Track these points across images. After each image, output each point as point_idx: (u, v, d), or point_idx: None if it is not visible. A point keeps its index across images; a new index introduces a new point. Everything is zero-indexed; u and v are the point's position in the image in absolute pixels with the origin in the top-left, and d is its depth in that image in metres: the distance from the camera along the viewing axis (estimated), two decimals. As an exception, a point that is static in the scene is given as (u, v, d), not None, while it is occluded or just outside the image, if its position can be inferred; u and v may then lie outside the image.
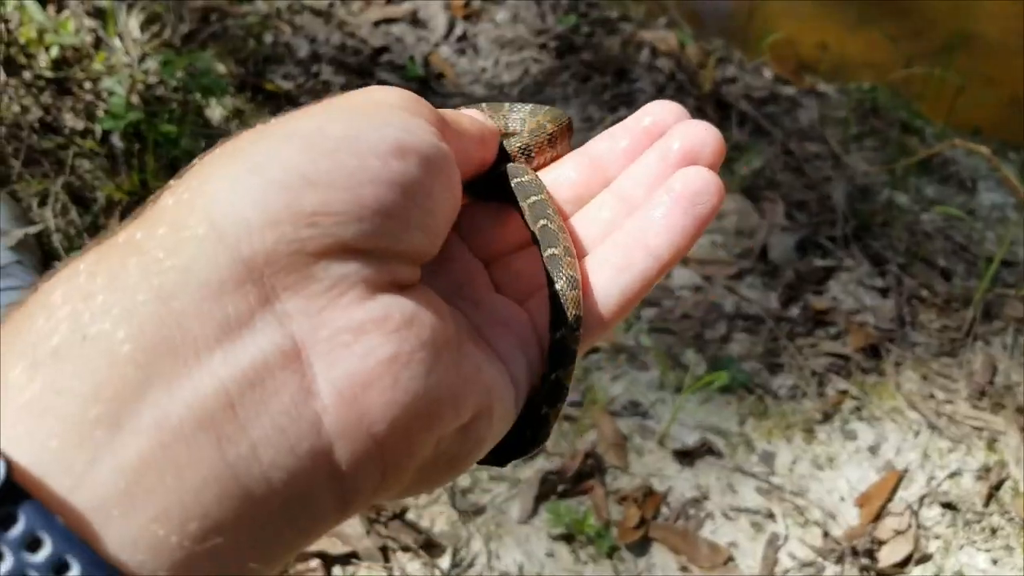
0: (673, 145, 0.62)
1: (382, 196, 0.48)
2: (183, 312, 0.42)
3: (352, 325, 0.45)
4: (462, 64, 3.20)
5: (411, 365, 0.46)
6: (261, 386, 0.42)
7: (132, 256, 0.43)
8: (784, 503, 2.06)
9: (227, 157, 0.48)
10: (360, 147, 0.49)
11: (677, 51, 3.21)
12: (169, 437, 0.39)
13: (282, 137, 0.49)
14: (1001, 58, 3.99)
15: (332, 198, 0.46)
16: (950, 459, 2.14)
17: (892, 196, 2.76)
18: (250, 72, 2.89)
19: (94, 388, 0.39)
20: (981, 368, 2.32)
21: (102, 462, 0.38)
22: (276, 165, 0.46)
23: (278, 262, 0.44)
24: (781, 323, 2.43)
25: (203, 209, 0.45)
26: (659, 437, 2.15)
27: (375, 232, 0.48)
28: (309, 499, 0.43)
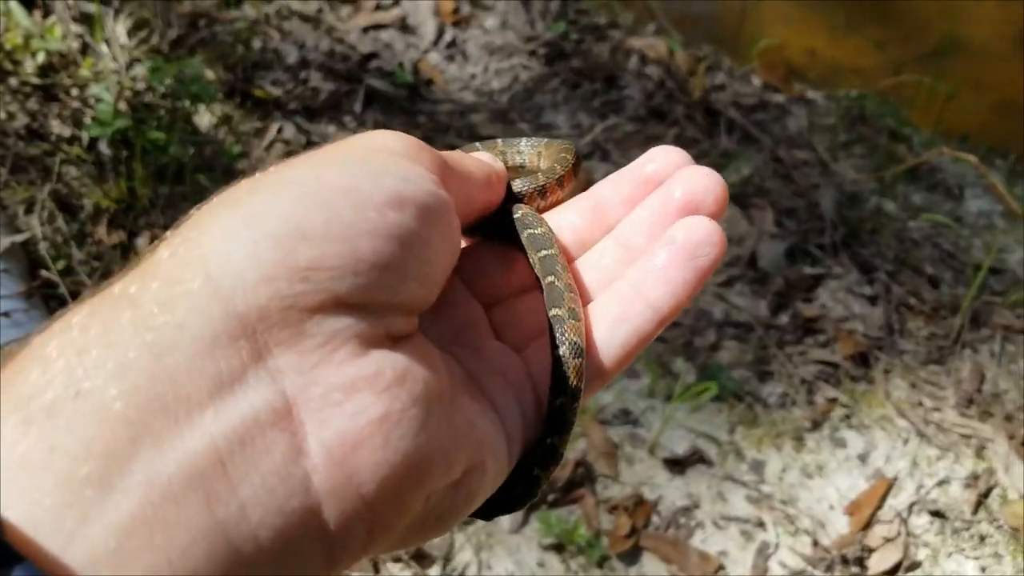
0: (675, 193, 0.62)
1: (378, 248, 0.48)
2: (176, 368, 0.42)
3: (344, 383, 0.45)
4: (451, 70, 3.19)
5: (401, 424, 0.46)
6: (251, 444, 0.42)
7: (126, 310, 0.43)
8: (774, 511, 2.06)
9: (224, 208, 0.48)
10: (357, 198, 0.49)
11: (666, 58, 3.22)
12: (159, 496, 0.39)
13: (279, 187, 0.49)
14: (988, 64, 4.02)
15: (327, 251, 0.46)
16: (939, 467, 2.15)
17: (880, 203, 2.78)
18: (238, 78, 2.88)
19: (86, 445, 0.39)
20: (969, 376, 2.33)
21: (93, 521, 0.38)
22: (272, 218, 0.46)
23: (271, 318, 0.44)
24: (770, 331, 2.44)
25: (199, 262, 0.45)
26: (649, 446, 2.15)
27: (370, 286, 0.48)
28: (297, 557, 0.43)
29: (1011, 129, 3.76)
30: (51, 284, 2.22)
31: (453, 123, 3.00)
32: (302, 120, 2.84)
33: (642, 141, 2.97)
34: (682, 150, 0.64)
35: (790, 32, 3.86)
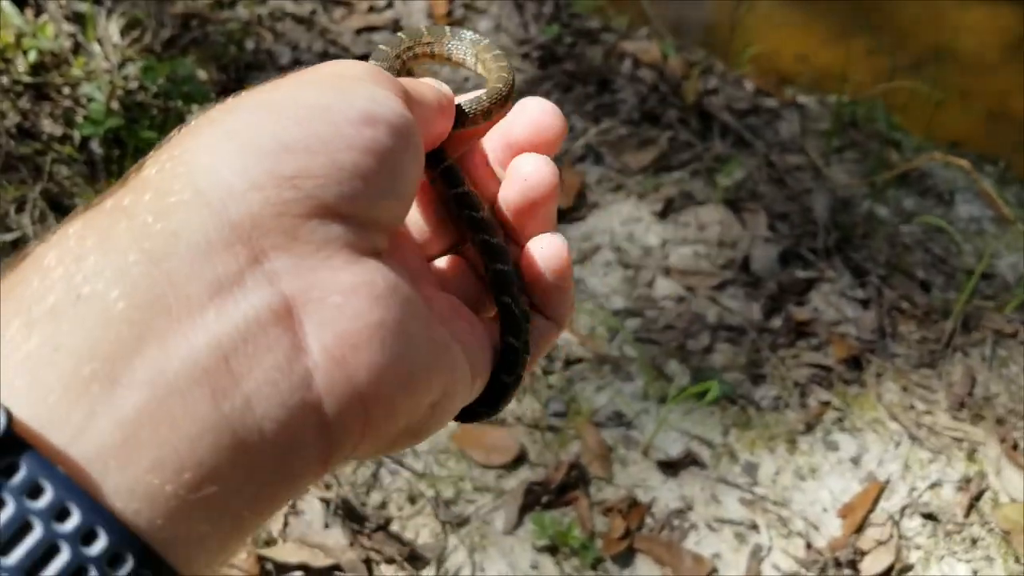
0: (515, 129, 0.66)
1: (357, 161, 0.50)
2: (175, 272, 0.43)
3: (342, 287, 0.47)
4: (444, 73, 3.19)
5: (396, 331, 0.48)
6: (254, 342, 0.43)
7: (121, 220, 0.44)
8: (767, 514, 2.06)
9: (205, 128, 0.49)
10: (332, 116, 0.50)
11: (660, 62, 3.23)
12: (164, 391, 0.40)
13: (256, 107, 0.50)
14: (978, 71, 4.05)
15: (311, 163, 0.48)
16: (931, 470, 2.16)
17: (872, 208, 2.79)
18: (231, 79, 2.87)
19: (90, 345, 0.40)
20: (960, 379, 2.34)
21: (99, 416, 0.39)
22: (253, 133, 0.48)
23: (264, 224, 0.46)
24: (763, 334, 2.44)
25: (186, 176, 0.46)
26: (643, 448, 2.15)
27: (354, 195, 0.49)
28: (298, 450, 0.44)
29: (1000, 137, 3.78)
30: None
31: (446, 125, 2.99)
32: (295, 121, 2.83)
33: (636, 145, 2.97)
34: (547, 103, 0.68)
35: (782, 38, 3.88)
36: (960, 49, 4.09)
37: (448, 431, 2.17)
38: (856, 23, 4.15)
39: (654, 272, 2.60)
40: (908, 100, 3.25)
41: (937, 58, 3.43)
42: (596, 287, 2.54)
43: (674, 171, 2.88)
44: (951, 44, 4.04)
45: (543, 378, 2.29)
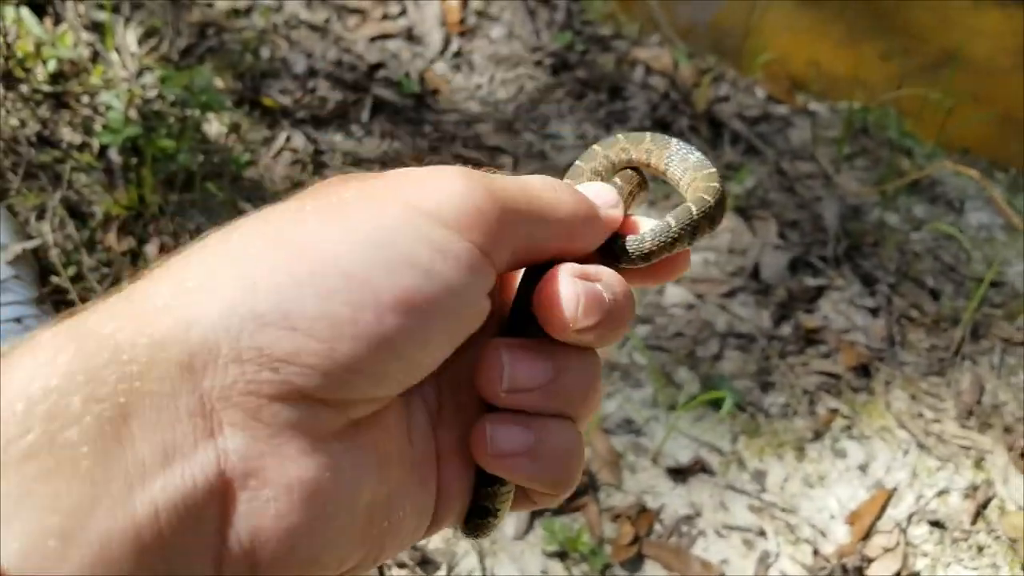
0: None
1: (361, 354, 0.47)
2: (138, 434, 0.44)
3: (280, 482, 0.46)
4: (457, 80, 3.22)
5: (314, 533, 0.48)
6: (188, 518, 0.44)
7: (106, 351, 0.45)
8: (775, 521, 2.08)
9: (222, 262, 0.48)
10: (361, 294, 0.48)
11: (671, 70, 3.25)
12: (105, 557, 0.42)
13: (286, 252, 0.48)
14: (990, 77, 4.05)
15: (305, 348, 0.46)
16: (938, 478, 2.17)
17: (882, 216, 2.80)
18: (247, 87, 2.91)
19: (54, 499, 0.42)
20: (969, 387, 2.35)
21: (50, 571, 0.41)
22: (265, 293, 0.47)
23: (231, 398, 0.46)
24: (773, 341, 2.46)
25: (184, 329, 0.46)
26: (652, 455, 2.17)
27: (341, 387, 0.47)
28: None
29: (1012, 143, 3.78)
30: (61, 290, 2.24)
31: (459, 133, 3.03)
32: (310, 129, 2.87)
33: (646, 152, 2.99)
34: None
35: (793, 43, 3.89)
36: (973, 53, 4.09)
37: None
38: (868, 28, 4.16)
39: (664, 279, 2.62)
40: (920, 106, 3.26)
41: (950, 62, 3.44)
42: (607, 294, 2.57)
43: (685, 178, 2.89)
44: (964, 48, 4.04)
45: (554, 385, 2.31)
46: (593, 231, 0.61)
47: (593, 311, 0.55)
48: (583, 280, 0.56)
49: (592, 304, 0.55)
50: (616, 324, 0.57)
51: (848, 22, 4.18)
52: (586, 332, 0.56)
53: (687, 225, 0.63)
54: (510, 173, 0.61)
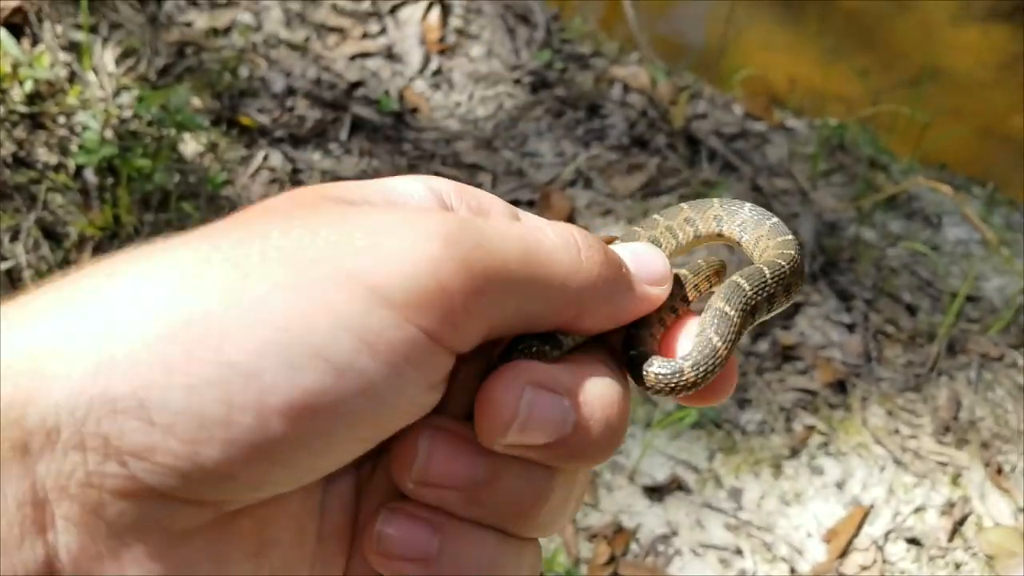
0: None
1: (234, 459, 0.39)
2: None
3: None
4: (436, 98, 3.23)
5: None
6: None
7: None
8: (752, 539, 2.08)
9: (99, 314, 0.40)
10: (245, 393, 0.39)
11: (649, 87, 3.26)
12: None
13: (169, 323, 0.39)
14: (968, 91, 4.08)
15: (162, 446, 0.38)
16: (915, 494, 2.18)
17: (859, 232, 2.81)
18: (225, 106, 2.91)
19: None
20: (945, 403, 2.36)
21: None
22: (125, 371, 0.38)
23: (68, 489, 0.39)
24: (750, 358, 2.46)
25: (24, 395, 0.38)
26: (629, 473, 2.16)
27: (204, 490, 0.40)
28: None
29: (990, 156, 3.82)
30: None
31: (438, 150, 3.03)
32: (288, 148, 2.87)
33: (625, 170, 3.00)
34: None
35: (772, 59, 3.92)
36: (950, 68, 4.13)
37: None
38: (847, 44, 4.20)
39: (642, 296, 2.63)
40: (897, 121, 3.28)
41: (927, 79, 3.47)
42: (585, 312, 2.57)
43: (663, 195, 2.91)
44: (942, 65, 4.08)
45: (531, 403, 2.31)
46: (617, 308, 0.50)
47: (537, 431, 0.44)
48: (539, 389, 0.45)
49: (539, 423, 0.44)
50: (582, 453, 0.46)
51: (827, 38, 4.21)
52: (525, 451, 0.45)
53: (738, 330, 0.51)
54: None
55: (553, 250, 0.46)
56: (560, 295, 0.47)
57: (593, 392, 0.46)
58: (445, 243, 0.42)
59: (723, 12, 3.92)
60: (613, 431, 0.46)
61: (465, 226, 0.44)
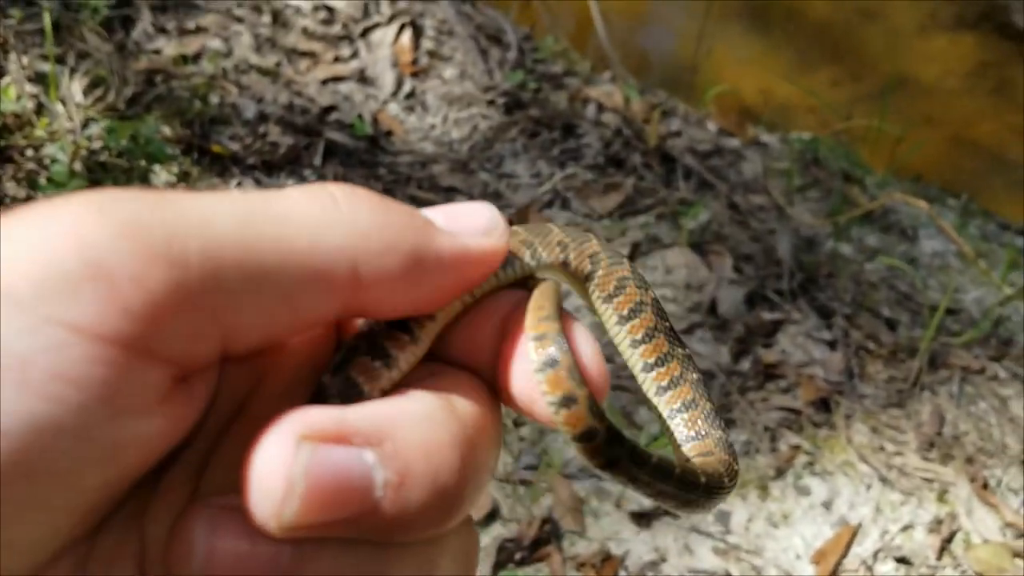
0: None
1: None
2: None
3: None
4: (411, 121, 3.21)
5: None
6: None
7: None
8: (741, 563, 2.06)
9: None
10: None
11: (622, 106, 3.26)
12: None
13: None
14: (940, 99, 4.12)
15: None
16: (902, 512, 2.17)
17: (836, 247, 2.81)
18: (196, 134, 2.87)
19: None
20: (929, 419, 2.36)
21: None
22: None
23: None
24: (732, 377, 2.45)
25: None
26: (616, 499, 2.14)
27: None
28: None
29: (963, 166, 3.85)
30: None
31: (414, 174, 3.01)
32: (261, 175, 2.83)
33: (601, 189, 2.99)
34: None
35: (744, 73, 3.94)
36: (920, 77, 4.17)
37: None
38: (817, 55, 4.23)
39: (623, 317, 2.61)
40: (869, 133, 3.30)
41: (898, 86, 3.49)
42: (566, 334, 2.55)
43: (640, 215, 2.90)
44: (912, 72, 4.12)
45: (514, 431, 2.28)
46: (426, 277, 0.38)
47: (325, 504, 0.33)
48: (323, 444, 0.33)
49: (325, 493, 0.33)
50: (406, 525, 0.34)
51: (796, 49, 4.24)
52: (324, 530, 0.34)
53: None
54: None
55: (292, 206, 0.35)
56: (316, 264, 0.35)
57: (412, 436, 0.34)
58: (100, 216, 0.32)
59: (694, 28, 3.93)
60: (445, 489, 0.35)
61: (135, 197, 0.34)
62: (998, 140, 3.97)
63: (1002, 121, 4.04)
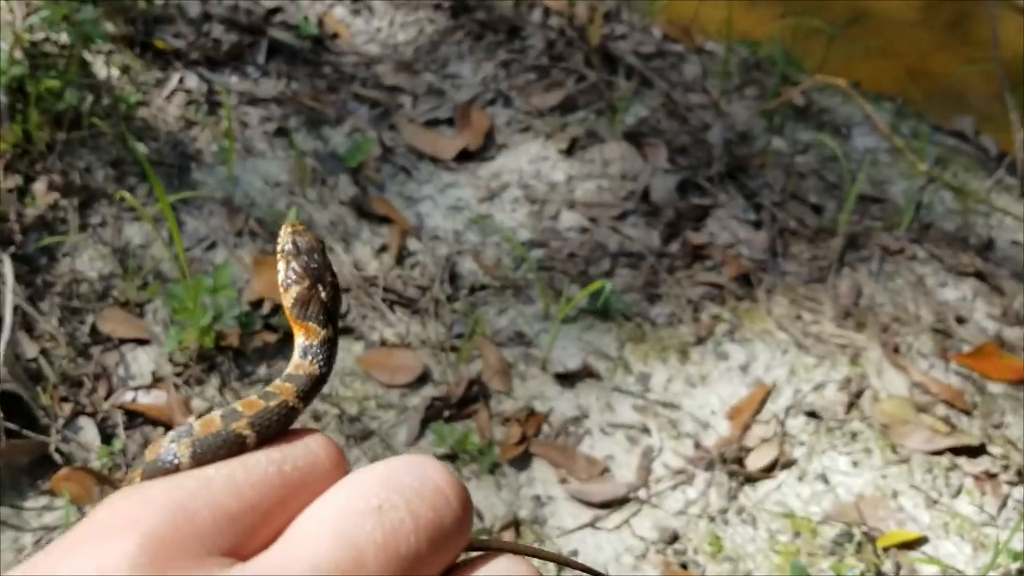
0: None
1: None
2: None
3: None
4: (357, 24, 3.24)
5: None
6: None
7: None
8: (659, 418, 2.16)
9: None
10: None
11: (567, 10, 3.30)
12: None
13: None
14: (899, 31, 4.18)
15: None
16: (815, 373, 2.27)
17: (769, 142, 2.89)
18: (139, 31, 2.89)
19: None
20: (847, 292, 2.45)
21: None
22: None
23: None
24: (662, 258, 2.53)
25: None
26: (542, 363, 2.23)
27: None
28: None
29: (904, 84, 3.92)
30: (-56, 223, 2.22)
31: (358, 74, 3.05)
32: (204, 71, 2.87)
33: (543, 87, 3.05)
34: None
35: None
36: (879, 11, 4.22)
37: (353, 355, 2.23)
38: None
39: (559, 206, 2.68)
40: (809, 42, 3.36)
41: (855, 22, 3.54)
42: (504, 222, 2.62)
43: (579, 111, 2.96)
44: (870, 7, 4.16)
45: (447, 304, 2.35)
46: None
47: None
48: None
49: None
50: None
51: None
52: None
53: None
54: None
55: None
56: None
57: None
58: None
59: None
60: None
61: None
62: (950, 71, 4.04)
63: (956, 54, 4.11)
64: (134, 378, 2.08)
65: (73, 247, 2.28)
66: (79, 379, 2.03)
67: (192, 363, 2.10)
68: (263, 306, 2.28)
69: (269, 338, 2.19)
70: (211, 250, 2.40)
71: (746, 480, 2.06)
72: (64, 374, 2.03)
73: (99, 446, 1.92)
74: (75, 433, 1.94)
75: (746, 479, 2.06)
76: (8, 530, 1.80)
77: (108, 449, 1.91)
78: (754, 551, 1.95)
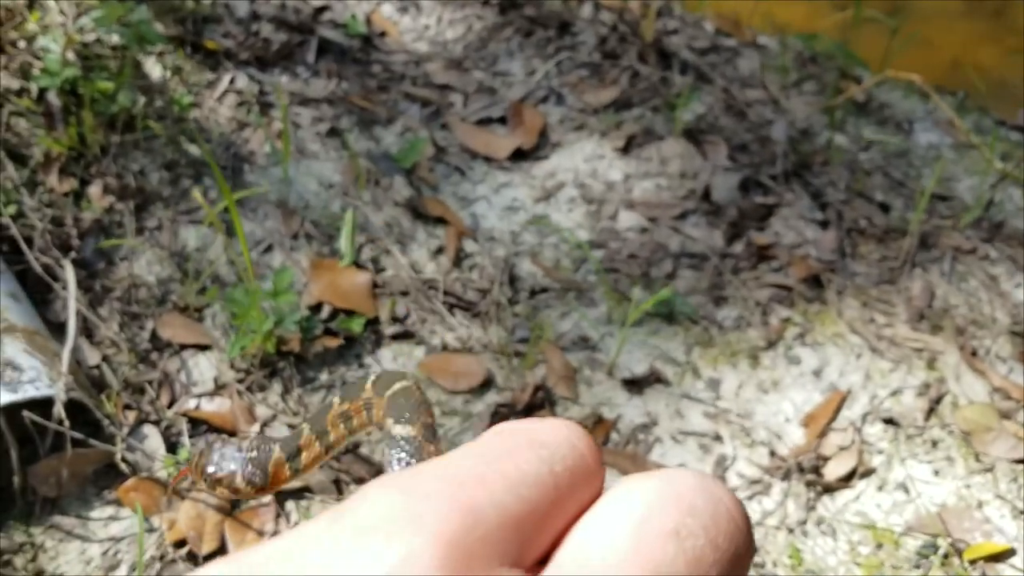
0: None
1: None
2: None
3: None
4: (405, 22, 3.19)
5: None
6: None
7: None
8: (731, 425, 2.09)
9: None
10: None
11: (619, 5, 3.24)
12: None
13: None
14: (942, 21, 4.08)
15: None
16: (891, 379, 2.19)
17: (831, 138, 2.81)
18: (188, 31, 2.86)
19: None
20: (919, 293, 2.37)
21: None
22: None
23: None
24: (725, 259, 2.46)
25: None
26: (608, 368, 2.17)
27: None
28: None
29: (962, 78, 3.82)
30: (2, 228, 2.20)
31: (408, 72, 3.00)
32: (254, 71, 2.83)
33: (596, 84, 2.99)
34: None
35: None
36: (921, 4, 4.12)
37: (415, 360, 2.19)
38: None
39: (617, 206, 2.62)
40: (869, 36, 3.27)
41: (901, 11, 3.45)
42: (560, 223, 2.56)
43: (635, 108, 2.89)
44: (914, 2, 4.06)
45: (508, 308, 2.30)
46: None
47: None
48: None
49: None
50: None
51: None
52: None
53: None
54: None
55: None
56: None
57: None
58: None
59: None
60: None
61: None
62: (997, 62, 3.94)
63: (1001, 44, 4.00)
64: (196, 385, 2.04)
65: (130, 251, 2.25)
66: (142, 386, 2.00)
67: (254, 369, 2.06)
68: (322, 310, 2.23)
69: (330, 343, 2.14)
70: (267, 253, 2.36)
71: (824, 490, 1.99)
72: (127, 381, 2.00)
73: (164, 455, 1.89)
74: (140, 442, 1.90)
75: (824, 489, 1.99)
76: (74, 540, 1.77)
77: (173, 458, 1.87)
78: (835, 564, 1.89)
